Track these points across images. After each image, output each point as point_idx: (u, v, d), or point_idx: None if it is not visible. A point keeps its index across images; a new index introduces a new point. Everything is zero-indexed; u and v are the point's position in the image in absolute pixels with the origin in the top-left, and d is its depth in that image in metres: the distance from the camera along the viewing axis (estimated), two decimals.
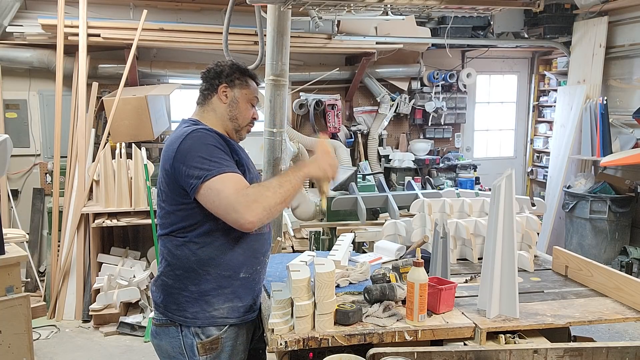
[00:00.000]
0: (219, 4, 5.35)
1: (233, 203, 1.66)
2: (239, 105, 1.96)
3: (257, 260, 1.94)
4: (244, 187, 1.70)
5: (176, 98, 5.76)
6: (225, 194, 1.67)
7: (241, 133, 2.00)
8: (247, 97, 1.98)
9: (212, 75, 1.97)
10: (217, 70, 1.97)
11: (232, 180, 1.70)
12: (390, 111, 6.22)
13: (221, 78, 1.95)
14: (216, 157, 1.74)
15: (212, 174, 1.69)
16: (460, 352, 1.74)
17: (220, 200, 1.68)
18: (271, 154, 4.07)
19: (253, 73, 2.04)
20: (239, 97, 1.96)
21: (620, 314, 2.01)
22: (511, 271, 1.98)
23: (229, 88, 1.95)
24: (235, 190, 1.68)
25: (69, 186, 4.72)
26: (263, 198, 1.68)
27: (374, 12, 3.98)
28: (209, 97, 1.97)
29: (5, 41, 4.93)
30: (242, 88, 1.97)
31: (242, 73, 1.98)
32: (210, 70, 1.98)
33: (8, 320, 2.98)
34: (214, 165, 1.71)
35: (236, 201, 1.66)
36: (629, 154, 5.24)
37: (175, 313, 1.85)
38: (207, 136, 1.79)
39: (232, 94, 1.95)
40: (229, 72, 1.96)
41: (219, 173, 1.70)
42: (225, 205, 1.67)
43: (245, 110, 1.98)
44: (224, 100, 1.95)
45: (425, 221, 2.84)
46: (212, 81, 1.96)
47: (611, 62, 5.88)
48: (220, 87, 1.95)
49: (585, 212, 5.55)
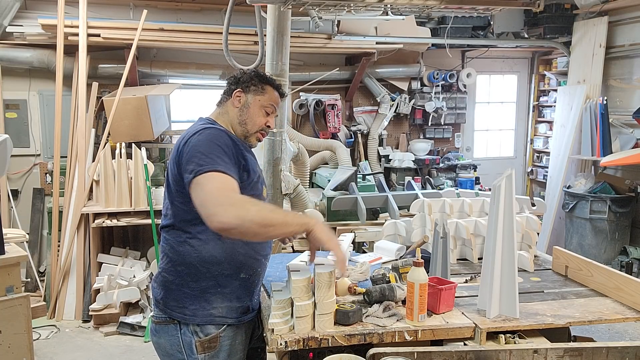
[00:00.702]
0: (219, 4, 5.35)
1: (211, 199, 1.63)
2: (250, 111, 1.96)
3: (258, 262, 1.95)
4: (230, 190, 1.68)
5: (176, 98, 5.76)
6: (208, 188, 1.66)
7: (250, 139, 1.99)
8: (260, 104, 1.98)
9: (232, 80, 2.02)
10: (237, 77, 2.02)
11: (219, 179, 1.68)
12: (390, 111, 6.22)
13: (239, 84, 1.99)
14: (214, 155, 1.73)
15: (204, 169, 1.69)
16: (460, 352, 1.74)
17: (202, 195, 1.66)
18: (271, 154, 4.07)
19: (276, 83, 2.05)
20: (252, 102, 1.97)
21: (620, 314, 2.01)
22: (511, 271, 1.98)
23: (243, 93, 1.98)
24: (218, 189, 1.65)
25: (69, 186, 4.72)
26: (243, 208, 1.61)
27: (374, 12, 3.98)
28: (225, 100, 2.02)
29: (5, 41, 4.93)
30: (256, 94, 1.98)
31: (261, 80, 2.00)
32: (233, 76, 2.03)
33: (8, 320, 2.98)
34: (208, 161, 1.71)
35: (214, 197, 1.63)
36: (629, 154, 5.25)
37: (175, 310, 1.86)
38: (215, 135, 1.80)
39: (245, 98, 1.98)
40: (247, 79, 2.00)
41: (210, 170, 1.69)
42: (203, 199, 1.65)
43: (255, 116, 1.97)
44: (236, 104, 1.97)
45: (425, 221, 2.84)
46: (230, 86, 2.01)
47: (611, 62, 5.88)
48: (235, 92, 1.98)
49: (585, 212, 5.54)
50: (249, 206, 1.63)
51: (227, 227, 1.60)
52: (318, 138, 5.95)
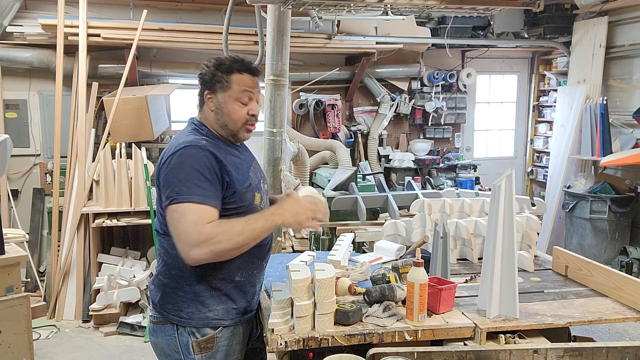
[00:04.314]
0: (219, 4, 5.35)
1: (185, 237, 1.65)
2: (225, 110, 1.84)
3: (254, 265, 1.92)
4: (204, 223, 1.65)
5: (176, 98, 5.76)
6: (182, 222, 1.66)
7: (238, 136, 1.89)
8: (232, 97, 1.83)
9: (200, 80, 1.87)
10: (202, 74, 1.86)
11: (195, 212, 1.66)
12: (390, 111, 6.22)
13: (205, 83, 1.85)
14: (190, 182, 1.69)
15: (179, 199, 1.68)
16: (460, 352, 1.74)
17: (177, 227, 1.68)
18: (271, 154, 4.07)
19: (242, 63, 1.84)
20: (223, 101, 1.83)
21: (620, 314, 2.01)
22: (511, 271, 1.98)
23: (212, 93, 1.84)
24: (193, 223, 1.65)
25: (69, 186, 4.72)
26: (215, 242, 1.64)
27: (374, 12, 3.98)
28: (201, 104, 1.90)
29: (5, 41, 4.92)
30: (224, 90, 1.83)
31: (224, 71, 1.82)
32: (200, 73, 1.87)
33: (8, 320, 2.98)
34: (184, 190, 1.68)
35: (188, 235, 1.65)
36: (629, 154, 5.24)
37: (171, 312, 1.85)
38: (194, 157, 1.73)
39: (215, 99, 1.84)
40: (210, 76, 1.83)
41: (186, 201, 1.67)
42: (178, 233, 1.68)
43: (233, 112, 1.84)
44: (211, 108, 1.85)
45: (425, 221, 2.84)
46: (200, 87, 1.88)
47: (611, 62, 5.88)
48: (205, 95, 1.86)
49: (585, 212, 5.54)
50: (221, 237, 1.65)
51: (204, 262, 1.70)
52: (318, 138, 5.95)
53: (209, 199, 1.70)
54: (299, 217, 1.81)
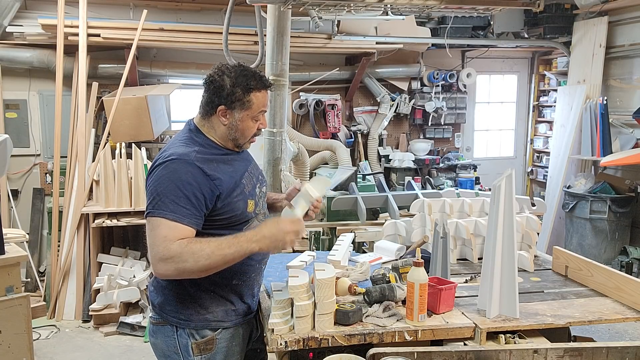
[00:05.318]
0: (219, 4, 5.35)
1: (154, 250, 1.67)
2: (239, 128, 1.82)
3: (252, 268, 1.92)
4: (174, 239, 1.65)
5: (176, 98, 5.76)
6: (154, 234, 1.67)
7: (243, 146, 1.90)
8: (250, 116, 1.82)
9: (213, 89, 1.80)
10: (217, 85, 1.78)
11: (166, 228, 1.66)
12: (390, 111, 6.22)
13: (221, 97, 1.78)
14: (168, 198, 1.68)
15: (154, 213, 1.68)
16: (460, 352, 1.74)
17: (149, 238, 1.69)
18: (271, 154, 4.07)
19: (260, 82, 1.81)
20: (240, 119, 1.81)
21: (620, 314, 2.01)
22: (511, 271, 1.98)
23: (229, 110, 1.80)
24: (163, 238, 1.65)
25: (69, 186, 4.72)
26: (180, 260, 1.64)
27: (374, 12, 3.98)
28: (209, 113, 1.83)
29: (5, 41, 4.92)
30: (243, 109, 1.80)
31: (244, 90, 1.78)
32: (212, 80, 1.80)
33: (8, 320, 2.98)
34: (161, 205, 1.68)
35: (156, 249, 1.66)
36: (629, 154, 5.25)
37: (170, 314, 1.86)
38: (178, 172, 1.71)
39: (231, 116, 1.81)
40: (229, 92, 1.77)
41: (160, 216, 1.67)
42: (150, 244, 1.69)
43: (247, 129, 1.84)
44: (224, 122, 1.82)
45: (425, 221, 2.84)
46: (212, 97, 1.80)
47: (611, 62, 5.88)
48: (219, 109, 1.80)
49: (585, 212, 5.54)
50: (187, 257, 1.64)
51: (169, 277, 1.74)
52: (318, 138, 5.95)
53: (184, 217, 1.69)
54: (278, 243, 1.74)
